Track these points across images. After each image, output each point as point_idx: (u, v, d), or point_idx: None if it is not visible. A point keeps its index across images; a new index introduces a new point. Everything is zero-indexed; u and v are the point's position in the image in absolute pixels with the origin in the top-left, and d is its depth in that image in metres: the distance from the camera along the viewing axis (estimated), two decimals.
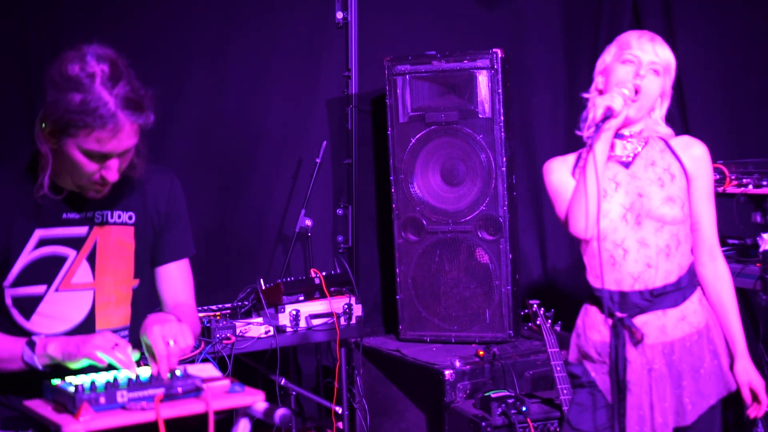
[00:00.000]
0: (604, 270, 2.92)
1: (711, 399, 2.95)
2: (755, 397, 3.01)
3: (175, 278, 2.75)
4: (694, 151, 3.03)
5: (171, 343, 2.33)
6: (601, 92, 3.02)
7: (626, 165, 3.00)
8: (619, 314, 2.92)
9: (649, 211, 2.92)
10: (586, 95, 3.07)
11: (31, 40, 4.33)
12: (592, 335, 3.02)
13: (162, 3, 4.70)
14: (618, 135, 3.00)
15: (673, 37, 5.27)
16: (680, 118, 5.30)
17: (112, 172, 2.43)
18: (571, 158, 3.07)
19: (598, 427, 2.95)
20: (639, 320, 2.92)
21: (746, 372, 3.00)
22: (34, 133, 2.44)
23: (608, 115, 2.83)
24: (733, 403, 3.15)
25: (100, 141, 2.36)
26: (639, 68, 2.95)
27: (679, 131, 5.21)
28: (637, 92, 2.92)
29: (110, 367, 2.34)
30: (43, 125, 2.39)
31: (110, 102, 2.33)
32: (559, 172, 3.04)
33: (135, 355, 2.36)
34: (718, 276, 3.02)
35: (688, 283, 2.97)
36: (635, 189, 2.94)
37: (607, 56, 3.04)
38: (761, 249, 3.87)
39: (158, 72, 4.56)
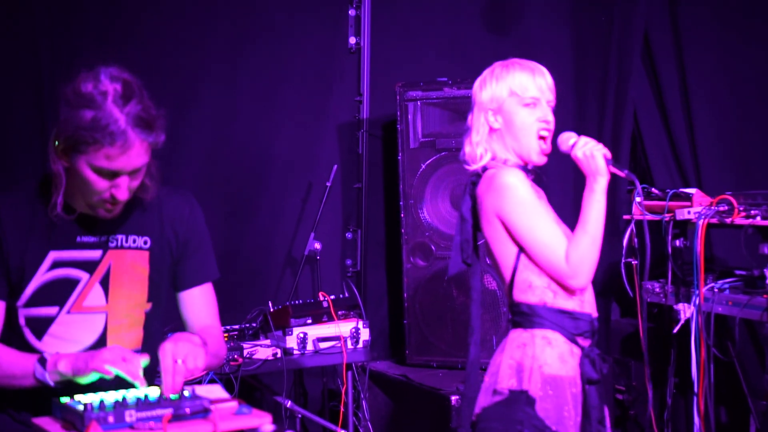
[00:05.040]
0: (584, 293, 2.88)
1: None
2: None
3: (199, 302, 2.77)
4: None
5: (179, 361, 2.35)
6: (493, 130, 2.95)
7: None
8: (581, 341, 2.84)
9: None
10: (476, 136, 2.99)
11: (44, 64, 4.32)
12: (561, 369, 2.80)
13: (173, 27, 4.71)
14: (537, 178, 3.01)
15: (683, 68, 5.29)
16: (689, 150, 5.30)
17: (122, 190, 2.45)
18: None
19: None
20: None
21: None
22: (47, 153, 2.46)
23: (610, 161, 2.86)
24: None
25: (109, 158, 2.38)
26: (546, 114, 2.97)
27: (688, 163, 5.28)
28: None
29: (119, 380, 2.35)
30: (56, 143, 2.42)
31: (120, 119, 2.36)
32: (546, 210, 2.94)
33: (144, 362, 2.38)
34: None
35: None
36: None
37: (501, 90, 2.93)
38: None
39: (168, 95, 4.55)
